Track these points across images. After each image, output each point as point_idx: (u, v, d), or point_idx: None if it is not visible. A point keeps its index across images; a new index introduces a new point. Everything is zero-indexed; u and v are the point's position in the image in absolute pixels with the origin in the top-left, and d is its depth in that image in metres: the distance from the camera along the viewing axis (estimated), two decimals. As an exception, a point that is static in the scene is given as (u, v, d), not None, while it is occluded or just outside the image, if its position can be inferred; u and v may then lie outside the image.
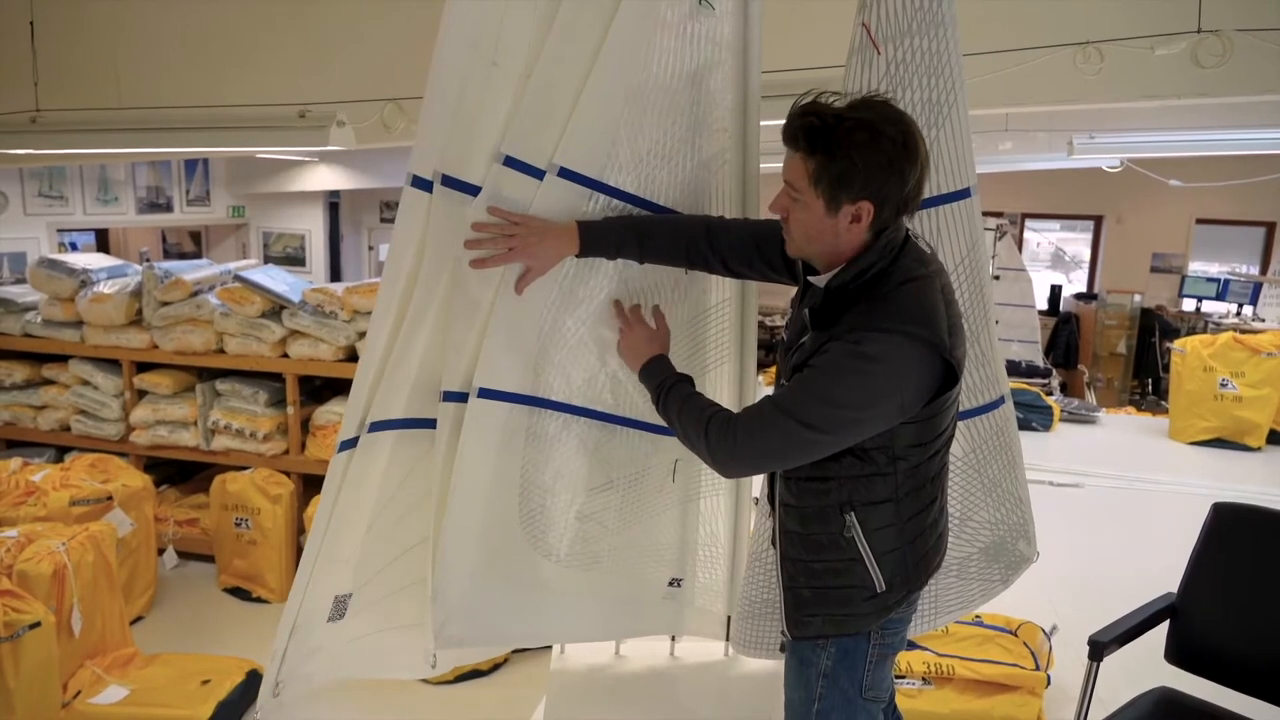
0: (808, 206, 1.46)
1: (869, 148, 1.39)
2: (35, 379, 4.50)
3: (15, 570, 2.83)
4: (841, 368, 1.42)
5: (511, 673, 3.29)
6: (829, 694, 1.62)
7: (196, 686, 2.93)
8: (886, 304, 1.44)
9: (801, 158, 1.44)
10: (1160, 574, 2.33)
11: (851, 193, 1.42)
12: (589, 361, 1.82)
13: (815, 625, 1.62)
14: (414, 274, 1.68)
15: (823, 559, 1.59)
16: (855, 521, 1.54)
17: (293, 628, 1.73)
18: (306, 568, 1.71)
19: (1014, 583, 2.12)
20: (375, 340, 1.67)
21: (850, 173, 1.40)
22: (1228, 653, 2.08)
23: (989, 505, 2.04)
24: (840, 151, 1.39)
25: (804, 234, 1.50)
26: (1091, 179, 8.04)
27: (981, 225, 1.90)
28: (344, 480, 1.70)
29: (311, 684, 1.80)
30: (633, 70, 1.71)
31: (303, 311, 4.00)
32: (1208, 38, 2.52)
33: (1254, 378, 5.57)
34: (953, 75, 1.77)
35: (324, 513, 1.70)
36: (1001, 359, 2.03)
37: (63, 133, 3.58)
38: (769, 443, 1.46)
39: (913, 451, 1.52)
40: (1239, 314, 8.54)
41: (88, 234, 7.42)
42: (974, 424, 1.97)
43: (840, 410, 1.43)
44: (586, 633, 2.16)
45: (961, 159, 1.83)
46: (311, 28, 3.46)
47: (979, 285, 1.89)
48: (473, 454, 1.72)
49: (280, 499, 3.88)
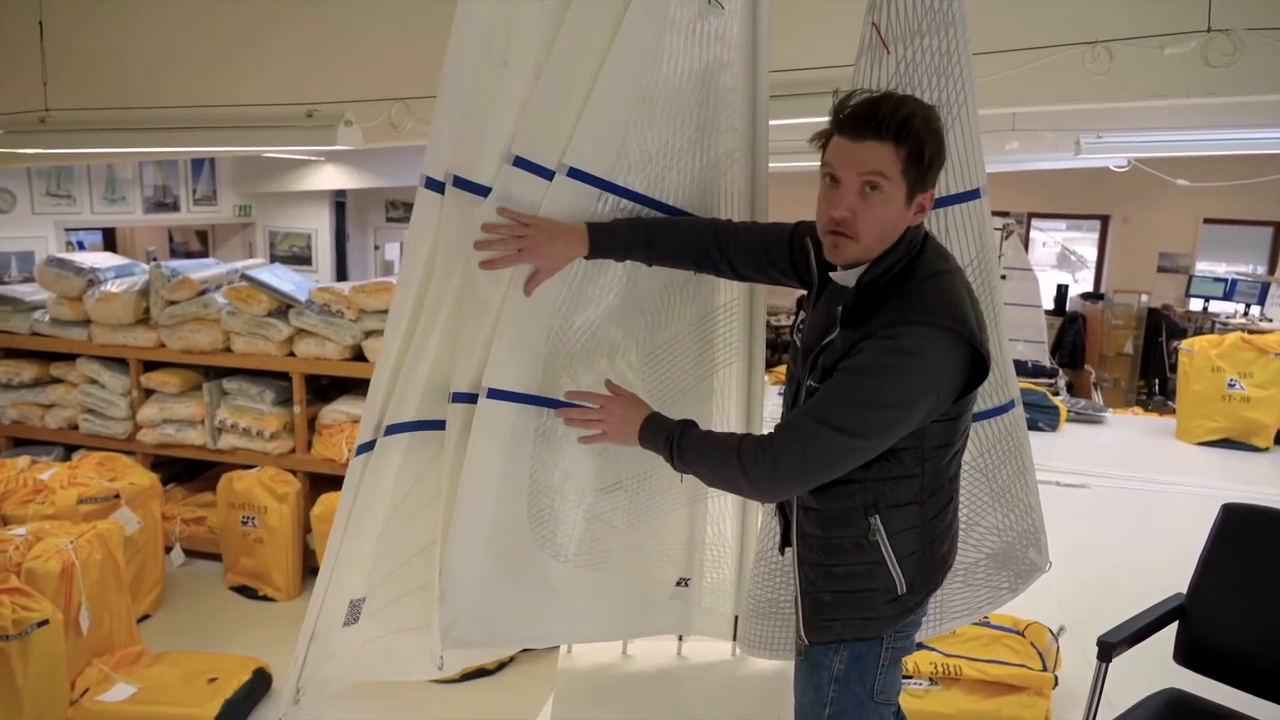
0: (890, 200, 1.43)
1: (940, 139, 1.44)
2: (43, 378, 4.51)
3: (24, 568, 2.84)
4: (880, 366, 1.40)
5: (518, 672, 3.29)
6: (841, 698, 1.61)
7: (203, 685, 2.94)
8: (917, 298, 1.43)
9: (892, 148, 1.40)
10: (1168, 575, 2.33)
11: (927, 183, 1.45)
12: (598, 362, 1.82)
13: (835, 630, 1.60)
14: (427, 276, 1.68)
15: (844, 562, 1.57)
16: (880, 524, 1.52)
17: (312, 634, 1.74)
18: (326, 573, 1.72)
19: (1023, 591, 2.10)
20: (391, 343, 1.68)
21: (934, 163, 1.44)
22: (1237, 654, 2.07)
23: (997, 511, 2.03)
24: (933, 140, 1.42)
25: (880, 229, 1.45)
26: (1098, 178, 8.02)
27: (991, 226, 1.90)
28: (360, 484, 1.70)
29: (327, 690, 1.80)
30: (642, 70, 1.71)
31: (309, 310, 4.00)
32: (1217, 37, 2.51)
33: (1262, 378, 5.55)
34: (963, 75, 1.76)
35: (341, 517, 1.70)
36: (1010, 362, 2.02)
37: (71, 132, 3.59)
38: (809, 456, 1.43)
39: (939, 452, 1.51)
40: (1246, 314, 8.52)
41: (95, 233, 7.45)
42: (982, 427, 1.97)
43: (879, 411, 1.41)
44: (594, 633, 2.16)
45: (971, 159, 1.82)
46: (319, 27, 3.46)
47: (988, 287, 1.89)
48: (482, 454, 1.72)
49: (287, 498, 3.88)
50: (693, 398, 1.99)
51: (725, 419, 2.04)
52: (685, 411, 1.91)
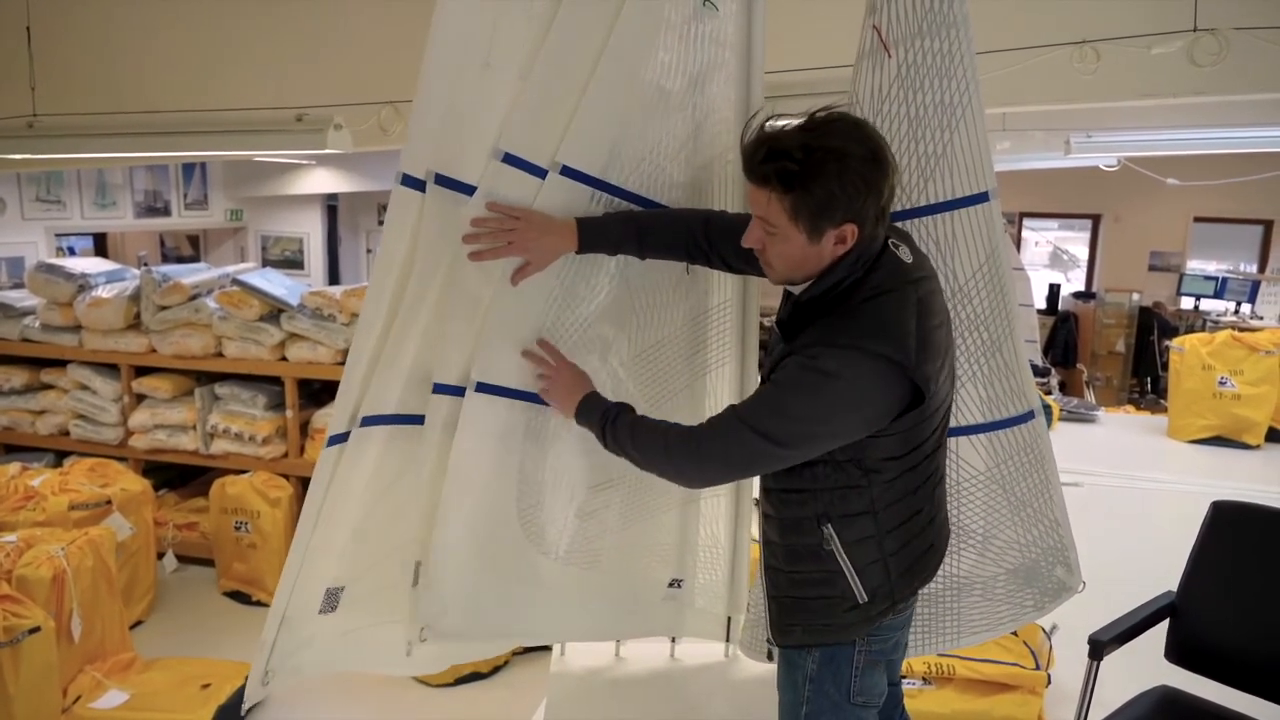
0: (788, 240, 1.44)
1: (844, 175, 1.37)
2: (34, 384, 4.49)
3: (14, 575, 2.82)
4: (796, 382, 1.42)
5: (512, 675, 3.29)
6: (815, 698, 1.62)
7: (196, 691, 2.93)
8: (850, 318, 1.43)
9: (775, 196, 1.41)
10: (1160, 572, 2.33)
11: (834, 220, 1.40)
12: (590, 360, 1.82)
13: (797, 634, 1.62)
14: (406, 271, 1.68)
15: (802, 569, 1.59)
16: (833, 533, 1.53)
17: (283, 618, 1.73)
18: (295, 559, 1.71)
19: (1051, 610, 2.05)
20: (365, 336, 1.68)
21: (830, 202, 1.39)
22: (1228, 651, 2.08)
23: (1016, 525, 1.98)
24: (817, 184, 1.37)
25: (787, 264, 1.49)
26: (1089, 178, 8.04)
27: (1002, 229, 1.83)
28: (335, 474, 1.69)
29: (302, 675, 1.81)
30: (636, 70, 1.72)
31: (301, 315, 4.00)
32: (1204, 36, 2.52)
33: (1253, 375, 5.58)
34: (966, 76, 1.74)
35: (313, 506, 1.69)
36: (1028, 371, 1.93)
37: (60, 137, 3.56)
38: (731, 453, 1.47)
39: (889, 465, 1.50)
40: (1237, 312, 8.56)
41: (86, 238, 7.41)
42: (998, 438, 1.92)
43: (796, 424, 1.43)
44: (586, 632, 2.16)
45: (978, 161, 1.79)
46: (308, 31, 3.46)
47: (1000, 293, 1.84)
48: (470, 448, 1.72)
49: (279, 502, 3.87)
50: (685, 397, 1.99)
51: (717, 419, 2.04)
52: (678, 412, 1.91)
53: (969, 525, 1.96)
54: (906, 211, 1.80)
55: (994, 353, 1.85)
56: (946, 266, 1.81)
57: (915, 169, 1.78)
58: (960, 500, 1.94)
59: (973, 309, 1.84)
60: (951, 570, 1.97)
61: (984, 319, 1.84)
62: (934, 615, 1.99)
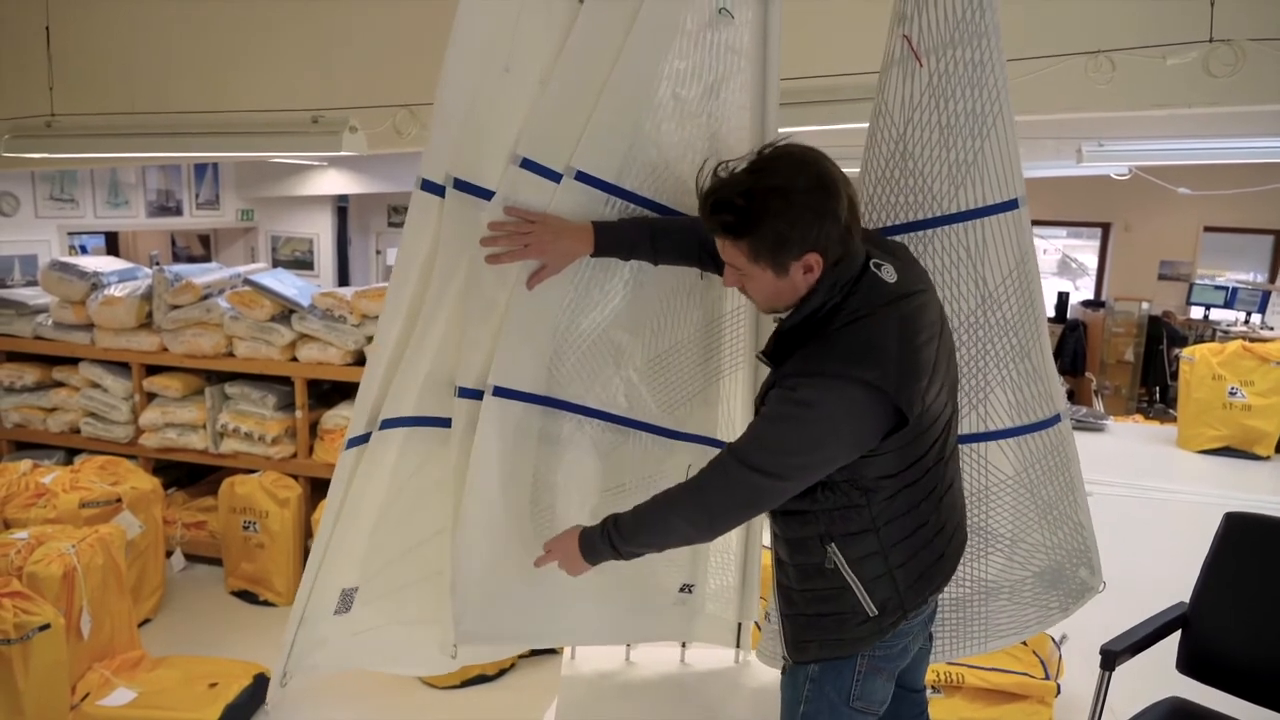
0: (757, 278, 1.48)
1: (790, 210, 1.40)
2: (46, 381, 4.52)
3: (25, 572, 2.84)
4: (780, 416, 1.45)
5: (518, 678, 3.29)
6: (815, 699, 1.64)
7: (204, 689, 2.94)
8: (828, 345, 1.44)
9: (730, 243, 1.46)
10: (1170, 583, 2.33)
11: (794, 253, 1.43)
12: (603, 365, 1.83)
13: (812, 650, 1.64)
14: (425, 275, 1.69)
15: (812, 587, 1.60)
16: (836, 551, 1.55)
17: (300, 619, 1.75)
18: (315, 561, 1.73)
19: (1075, 612, 2.05)
20: (384, 340, 1.69)
21: (783, 239, 1.41)
22: (1240, 663, 2.07)
23: (1043, 528, 1.98)
24: (765, 225, 1.41)
25: (765, 298, 1.53)
26: (1099, 186, 8.03)
27: (1031, 237, 1.84)
28: (354, 476, 1.71)
29: (317, 674, 1.83)
30: (651, 77, 1.73)
31: (311, 315, 4.01)
32: (1220, 47, 2.52)
33: (1263, 386, 5.54)
34: (996, 85, 1.75)
35: (332, 508, 1.71)
36: (1055, 375, 1.94)
37: (77, 137, 3.59)
38: (734, 496, 1.48)
39: (885, 482, 1.50)
40: (1247, 322, 8.51)
41: (98, 237, 7.45)
42: (1025, 442, 1.92)
43: (788, 456, 1.44)
44: (597, 635, 2.16)
45: (1008, 169, 1.79)
46: (325, 33, 3.47)
47: (1029, 299, 1.85)
48: (487, 451, 1.73)
49: (288, 502, 3.88)
50: (698, 403, 1.99)
51: (731, 424, 2.04)
52: (691, 417, 1.91)
53: (997, 529, 1.96)
54: (937, 219, 1.81)
55: (1023, 358, 1.86)
56: (977, 273, 1.82)
57: (946, 176, 1.78)
58: (989, 505, 1.95)
59: (1002, 314, 1.85)
60: (979, 575, 1.97)
61: (1014, 324, 1.85)
62: (961, 620, 1.99)
